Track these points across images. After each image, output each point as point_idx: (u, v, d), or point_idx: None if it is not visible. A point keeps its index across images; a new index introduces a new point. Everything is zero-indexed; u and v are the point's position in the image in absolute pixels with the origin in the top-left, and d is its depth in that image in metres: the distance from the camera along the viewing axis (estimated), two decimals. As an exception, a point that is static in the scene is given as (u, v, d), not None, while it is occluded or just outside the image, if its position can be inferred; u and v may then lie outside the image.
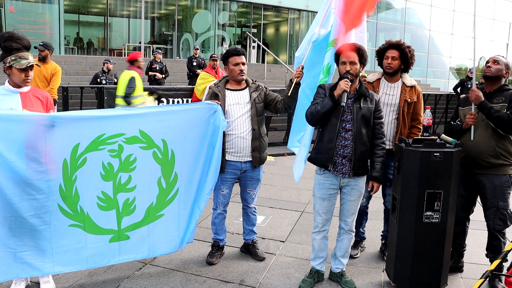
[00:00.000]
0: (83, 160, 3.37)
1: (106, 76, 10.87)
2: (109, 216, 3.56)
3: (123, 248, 3.66)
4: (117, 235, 3.61)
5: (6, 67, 3.25)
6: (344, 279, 3.83)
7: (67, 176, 3.34)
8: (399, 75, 4.21)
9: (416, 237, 3.56)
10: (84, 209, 3.45)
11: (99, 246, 3.55)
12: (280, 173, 8.24)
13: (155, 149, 3.63)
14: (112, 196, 3.54)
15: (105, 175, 3.49)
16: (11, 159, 3.04)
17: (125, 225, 3.63)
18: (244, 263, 4.26)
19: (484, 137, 3.76)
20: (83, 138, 3.34)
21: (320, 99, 3.61)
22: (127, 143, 3.51)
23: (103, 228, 3.56)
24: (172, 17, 23.03)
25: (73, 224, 3.43)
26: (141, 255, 3.79)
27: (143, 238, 3.73)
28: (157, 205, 3.74)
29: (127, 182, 3.58)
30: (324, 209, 3.75)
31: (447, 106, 13.51)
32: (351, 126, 3.56)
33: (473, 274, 4.08)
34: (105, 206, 3.54)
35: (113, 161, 3.49)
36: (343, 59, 3.57)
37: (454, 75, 33.91)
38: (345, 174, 3.62)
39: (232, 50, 4.08)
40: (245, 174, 4.14)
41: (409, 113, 4.15)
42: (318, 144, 3.72)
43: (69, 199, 3.37)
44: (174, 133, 3.69)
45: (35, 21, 19.01)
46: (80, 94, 9.50)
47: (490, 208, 3.80)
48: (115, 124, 3.46)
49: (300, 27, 26.34)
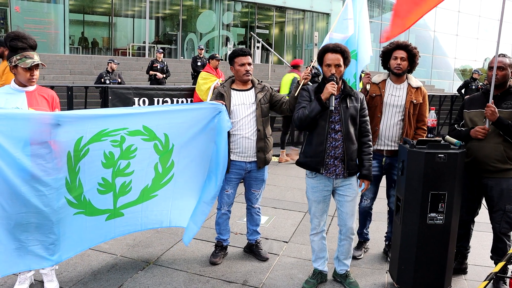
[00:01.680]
0: (85, 151, 3.42)
1: (110, 76, 10.91)
2: (106, 198, 3.66)
3: (117, 223, 3.78)
4: (113, 213, 3.72)
5: (11, 66, 3.27)
6: (348, 280, 3.82)
7: (71, 168, 3.39)
8: (405, 76, 4.20)
9: (420, 239, 3.55)
10: (87, 197, 3.55)
11: (96, 225, 3.66)
12: (284, 173, 8.24)
13: (157, 141, 3.71)
14: (110, 181, 3.63)
15: (105, 163, 3.56)
16: (18, 156, 3.07)
17: (120, 204, 3.74)
18: (248, 263, 4.26)
19: (492, 141, 3.73)
20: (87, 132, 3.39)
21: (305, 103, 3.60)
22: (129, 135, 3.58)
23: (101, 209, 3.66)
24: (176, 17, 23.08)
25: (77, 212, 3.53)
26: (134, 228, 3.90)
27: (136, 214, 3.84)
28: (152, 187, 3.84)
29: (126, 168, 3.67)
30: (320, 211, 3.75)
31: (451, 107, 13.46)
32: (340, 126, 3.56)
33: (477, 276, 4.07)
34: (104, 190, 3.63)
35: (115, 150, 3.57)
36: (327, 62, 3.55)
37: (458, 76, 33.82)
38: (339, 175, 3.61)
39: (238, 51, 4.08)
40: (249, 174, 4.14)
41: (415, 114, 4.13)
42: (306, 147, 3.68)
43: (74, 190, 3.45)
44: (177, 129, 3.75)
45: (40, 21, 19.10)
46: (85, 94, 9.50)
47: (496, 211, 3.78)
48: (119, 120, 3.52)
49: (304, 27, 26.32)
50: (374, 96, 4.16)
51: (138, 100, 8.38)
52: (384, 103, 4.15)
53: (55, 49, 19.29)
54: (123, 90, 8.38)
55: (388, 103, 4.13)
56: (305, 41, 26.74)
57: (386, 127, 4.13)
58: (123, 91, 8.33)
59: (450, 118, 13.05)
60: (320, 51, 3.63)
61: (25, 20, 18.37)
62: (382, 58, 4.26)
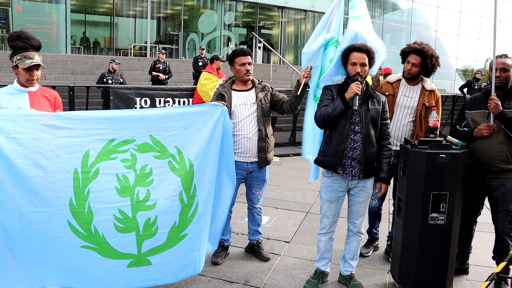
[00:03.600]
0: (95, 171, 3.09)
1: (112, 76, 10.92)
2: (128, 239, 3.19)
3: (143, 274, 3.29)
4: (137, 260, 3.24)
5: (13, 66, 3.27)
6: (352, 282, 3.82)
7: (78, 190, 3.04)
8: (419, 78, 4.17)
9: (421, 239, 3.56)
10: (99, 230, 3.11)
11: (116, 272, 3.22)
12: (286, 173, 8.24)
13: (170, 158, 3.34)
14: (131, 216, 3.18)
15: (120, 189, 3.16)
16: (17, 163, 2.86)
17: (146, 249, 3.26)
18: (249, 263, 4.26)
19: (495, 141, 3.72)
20: (93, 142, 3.11)
21: (327, 101, 3.57)
22: (139, 151, 3.25)
23: (121, 252, 3.19)
24: (178, 17, 23.08)
25: (86, 245, 3.09)
26: (163, 280, 3.42)
27: (166, 263, 3.36)
28: (180, 224, 3.38)
29: (146, 199, 3.24)
30: (332, 212, 3.74)
31: (453, 107, 13.44)
32: (360, 128, 3.54)
33: (478, 276, 4.07)
34: (123, 228, 3.17)
35: (128, 173, 3.20)
36: (353, 60, 3.52)
37: (460, 76, 33.79)
38: (355, 176, 3.60)
39: (238, 51, 4.08)
40: (251, 174, 4.14)
41: (426, 117, 4.07)
42: (326, 146, 3.65)
43: (81, 216, 3.05)
44: (186, 139, 3.41)
45: (42, 21, 19.14)
46: (86, 94, 9.53)
47: (500, 211, 3.78)
48: (124, 127, 3.22)
49: (306, 27, 26.31)
50: (387, 95, 4.15)
51: (140, 100, 8.40)
52: (396, 103, 4.15)
53: (56, 49, 19.32)
54: (125, 90, 8.40)
55: (400, 103, 4.13)
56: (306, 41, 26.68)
57: (397, 127, 4.13)
58: (124, 91, 8.36)
59: (451, 119, 13.04)
60: (345, 50, 3.60)
61: (27, 20, 18.40)
62: (401, 57, 4.23)
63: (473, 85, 13.65)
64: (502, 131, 3.70)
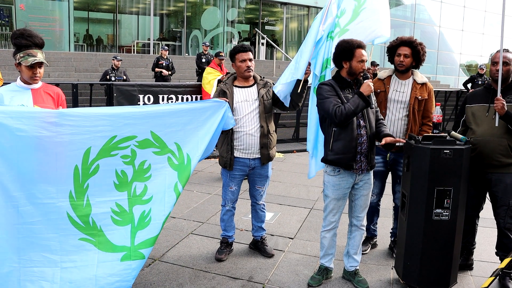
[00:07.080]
0: (95, 168, 3.17)
1: (115, 73, 10.93)
2: (123, 231, 3.26)
3: (136, 269, 3.26)
4: (130, 253, 3.25)
5: (16, 63, 3.28)
6: (357, 278, 3.82)
7: (78, 184, 3.13)
8: (410, 72, 4.18)
9: (426, 235, 3.55)
10: (97, 222, 3.19)
11: (110, 266, 3.20)
12: (289, 169, 8.24)
13: (169, 154, 3.42)
14: (127, 209, 3.27)
15: (118, 184, 3.26)
16: (19, 158, 2.93)
17: (139, 241, 3.28)
18: (253, 259, 4.26)
19: (496, 135, 3.72)
20: (94, 139, 3.15)
21: (333, 97, 3.52)
22: (139, 148, 3.30)
23: (116, 245, 3.24)
24: (181, 13, 23.05)
25: (84, 238, 3.16)
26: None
27: None
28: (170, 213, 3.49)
29: (143, 193, 3.33)
30: (339, 208, 3.75)
31: (457, 103, 13.41)
32: (364, 122, 3.58)
33: (483, 272, 4.06)
34: (120, 221, 3.26)
35: (127, 168, 3.28)
36: (362, 58, 3.53)
37: (464, 71, 33.63)
38: (364, 170, 3.63)
39: (239, 47, 4.07)
40: (253, 171, 4.14)
41: (420, 110, 4.12)
42: (336, 144, 3.57)
43: (80, 208, 3.14)
44: (186, 135, 3.48)
45: (45, 18, 19.14)
46: (90, 91, 9.55)
47: (501, 207, 3.78)
48: (126, 124, 3.25)
49: (309, 23, 26.25)
50: (379, 92, 4.16)
51: (143, 97, 8.42)
52: (388, 99, 4.15)
53: (60, 47, 19.33)
54: (128, 87, 8.43)
55: (392, 99, 4.13)
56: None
57: (391, 122, 4.13)
58: (128, 88, 8.38)
59: (455, 114, 13.01)
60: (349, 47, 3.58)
61: (30, 18, 18.40)
62: (388, 54, 4.25)
63: (476, 80, 13.60)
64: (503, 125, 3.69)
